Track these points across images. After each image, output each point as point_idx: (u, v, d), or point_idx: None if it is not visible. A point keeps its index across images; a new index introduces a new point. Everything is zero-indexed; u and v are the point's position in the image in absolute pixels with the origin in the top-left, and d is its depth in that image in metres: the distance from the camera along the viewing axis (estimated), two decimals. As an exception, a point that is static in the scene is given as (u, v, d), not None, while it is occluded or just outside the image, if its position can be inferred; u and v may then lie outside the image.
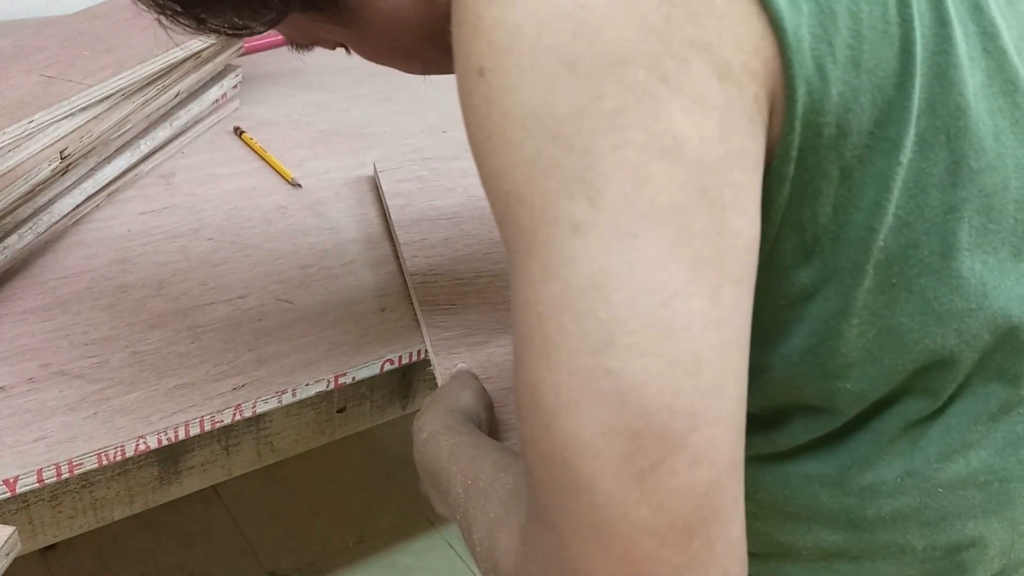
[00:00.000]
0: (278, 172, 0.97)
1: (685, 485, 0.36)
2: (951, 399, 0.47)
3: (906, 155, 0.41)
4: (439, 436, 0.56)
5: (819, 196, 0.41)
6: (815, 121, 0.39)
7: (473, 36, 0.37)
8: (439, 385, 0.68)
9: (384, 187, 0.92)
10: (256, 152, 1.01)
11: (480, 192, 0.41)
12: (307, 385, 0.70)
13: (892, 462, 0.47)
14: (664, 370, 0.35)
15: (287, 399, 0.69)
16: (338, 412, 0.77)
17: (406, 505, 1.56)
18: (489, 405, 0.63)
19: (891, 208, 0.42)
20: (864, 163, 0.41)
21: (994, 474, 0.47)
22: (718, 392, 0.36)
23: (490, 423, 0.62)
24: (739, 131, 0.37)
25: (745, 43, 0.37)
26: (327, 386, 0.71)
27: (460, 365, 0.68)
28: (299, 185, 0.95)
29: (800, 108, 0.39)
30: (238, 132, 1.05)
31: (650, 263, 0.35)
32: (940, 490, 0.47)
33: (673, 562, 0.36)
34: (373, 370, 0.73)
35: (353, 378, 0.72)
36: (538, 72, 0.36)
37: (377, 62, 0.58)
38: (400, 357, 0.74)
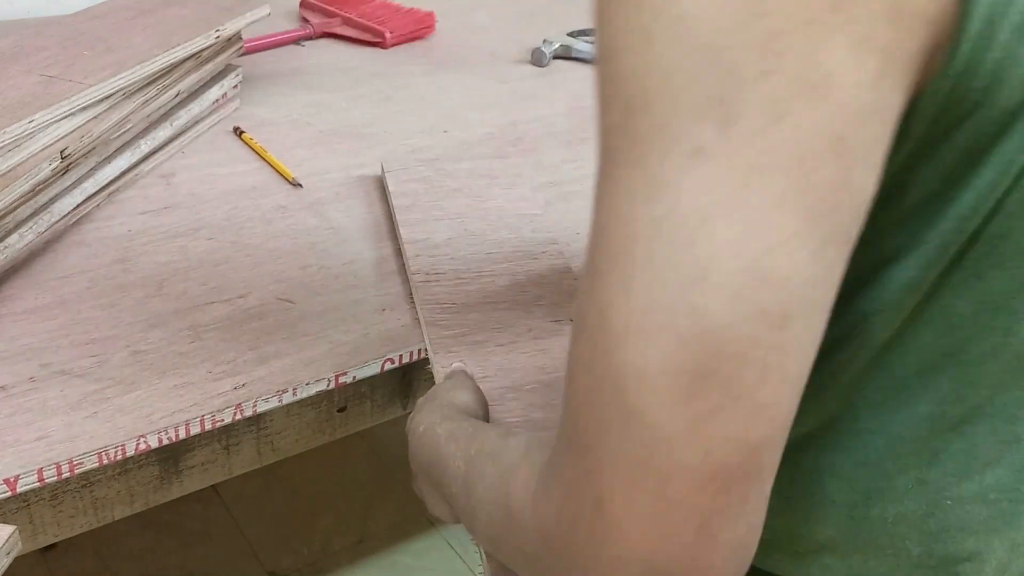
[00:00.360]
0: (278, 172, 0.98)
1: (739, 437, 0.34)
2: (979, 412, 0.45)
3: None
4: (435, 426, 0.56)
5: (937, 163, 0.39)
6: (964, 84, 0.36)
7: None
8: (437, 382, 0.68)
9: (390, 187, 0.92)
10: (256, 152, 1.01)
11: (486, 193, 0.40)
12: (307, 384, 0.70)
13: (908, 470, 0.46)
14: (750, 318, 0.34)
15: (287, 398, 0.69)
16: (339, 412, 0.77)
17: (406, 505, 1.56)
18: (485, 404, 0.63)
19: (1000, 195, 0.39)
20: (995, 141, 0.38)
21: (1005, 493, 0.46)
22: (796, 351, 0.35)
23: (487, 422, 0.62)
24: (892, 80, 0.34)
25: None
26: (327, 385, 0.71)
27: (456, 364, 0.68)
28: (300, 185, 0.95)
29: (958, 66, 0.35)
30: (238, 132, 1.05)
31: (764, 206, 0.33)
32: (948, 502, 0.46)
33: (704, 509, 0.35)
34: (373, 369, 0.73)
35: (354, 377, 0.72)
36: None
37: None
38: (400, 356, 0.74)
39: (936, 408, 0.45)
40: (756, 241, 0.34)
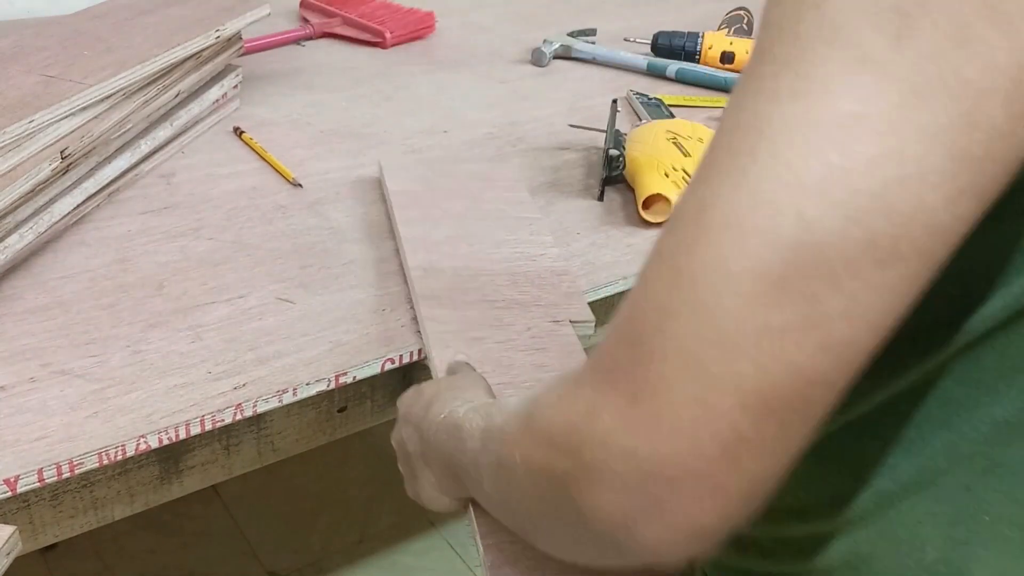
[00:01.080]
0: (278, 172, 0.98)
1: (800, 364, 0.32)
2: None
3: None
4: (456, 410, 0.55)
5: None
6: None
7: None
8: (435, 376, 0.68)
9: (388, 185, 0.92)
10: (256, 152, 1.01)
11: (484, 195, 0.39)
12: (307, 384, 0.70)
13: (957, 473, 0.44)
14: (858, 244, 0.31)
15: (288, 398, 0.69)
16: (339, 412, 0.77)
17: (406, 505, 1.56)
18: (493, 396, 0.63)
19: None
20: None
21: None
22: (890, 296, 0.32)
23: None
24: None
25: None
26: (327, 385, 0.71)
27: (459, 356, 0.68)
28: (300, 185, 0.95)
29: None
30: (238, 132, 1.05)
31: (915, 133, 0.31)
32: (986, 517, 0.44)
33: (739, 429, 0.33)
34: (374, 369, 0.73)
35: (354, 377, 0.72)
36: None
37: None
38: (401, 356, 0.74)
39: (1009, 414, 0.43)
40: (894, 166, 0.31)
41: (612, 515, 0.35)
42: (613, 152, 0.97)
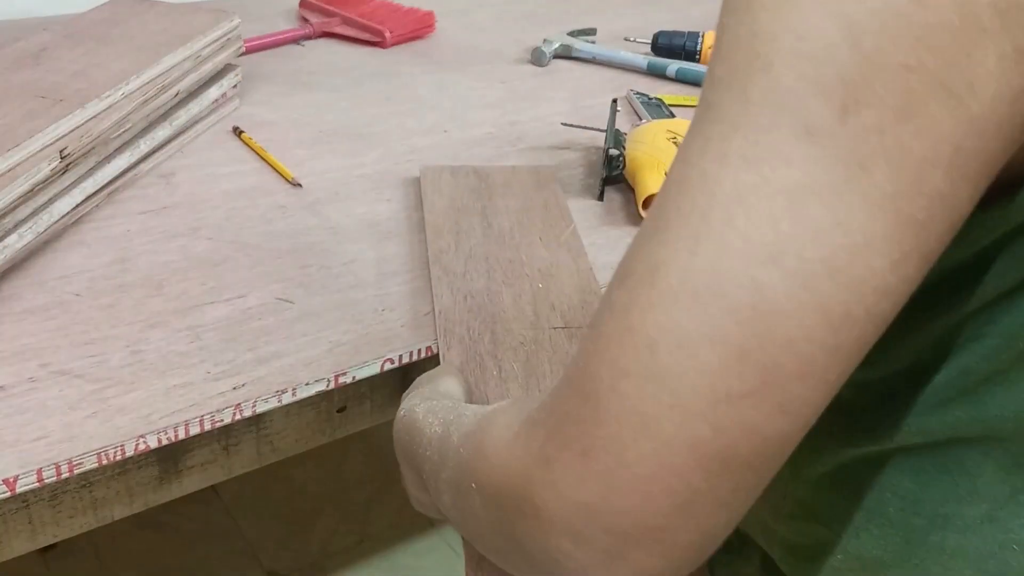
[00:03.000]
0: (278, 172, 0.97)
1: (758, 426, 0.33)
2: None
3: None
4: (415, 408, 0.56)
5: None
6: None
7: None
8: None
9: (425, 189, 0.92)
10: (256, 152, 1.01)
11: (526, 208, 0.39)
12: (307, 385, 0.70)
13: (980, 503, 0.44)
14: (811, 312, 0.32)
15: (287, 399, 0.69)
16: (338, 412, 0.77)
17: (406, 505, 1.56)
18: (468, 391, 0.63)
19: None
20: None
21: None
22: (845, 356, 0.33)
23: None
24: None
25: None
26: (327, 385, 0.71)
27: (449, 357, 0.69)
28: (299, 185, 0.95)
29: None
30: (237, 132, 1.05)
31: (861, 203, 0.32)
32: (1015, 547, 0.44)
33: (695, 486, 0.34)
34: (373, 369, 0.73)
35: (353, 377, 0.72)
36: None
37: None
38: (400, 356, 0.74)
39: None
40: (843, 236, 0.32)
41: (564, 560, 0.36)
42: (613, 152, 0.97)
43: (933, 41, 0.31)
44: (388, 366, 0.73)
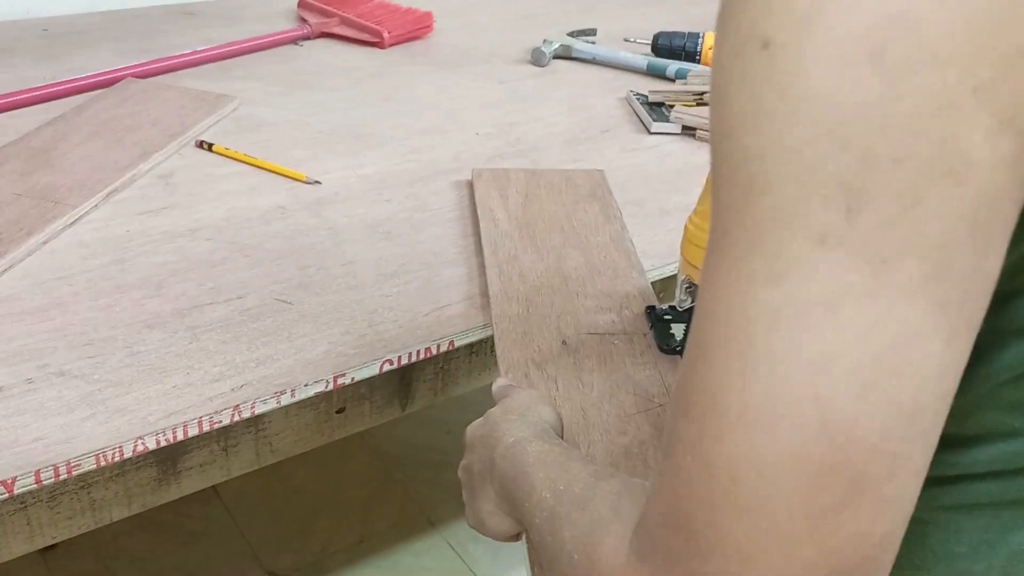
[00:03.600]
0: (279, 173, 0.97)
1: (863, 534, 0.33)
2: None
3: None
4: (526, 443, 0.54)
5: None
6: None
7: (765, 2, 0.33)
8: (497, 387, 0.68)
9: (478, 196, 0.92)
10: (240, 160, 1.01)
11: (573, 212, 0.38)
12: (306, 386, 0.70)
13: (1022, 531, 0.44)
14: (881, 411, 0.32)
15: (286, 400, 0.69)
16: (337, 412, 0.77)
17: (406, 505, 1.56)
18: (562, 424, 0.62)
19: None
20: None
21: None
22: (925, 442, 0.34)
23: None
24: None
25: None
26: (326, 387, 0.70)
27: (500, 380, 0.67)
28: (318, 182, 0.95)
29: None
30: (206, 146, 1.01)
31: (895, 295, 0.32)
32: None
33: None
34: (372, 371, 0.72)
35: (352, 378, 0.72)
36: (835, 54, 0.31)
37: None
38: (399, 357, 0.74)
39: None
40: (886, 331, 0.32)
41: None
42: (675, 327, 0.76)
43: (916, 129, 0.31)
44: (387, 367, 0.73)
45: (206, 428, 0.66)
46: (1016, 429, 0.43)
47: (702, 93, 1.17)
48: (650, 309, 0.76)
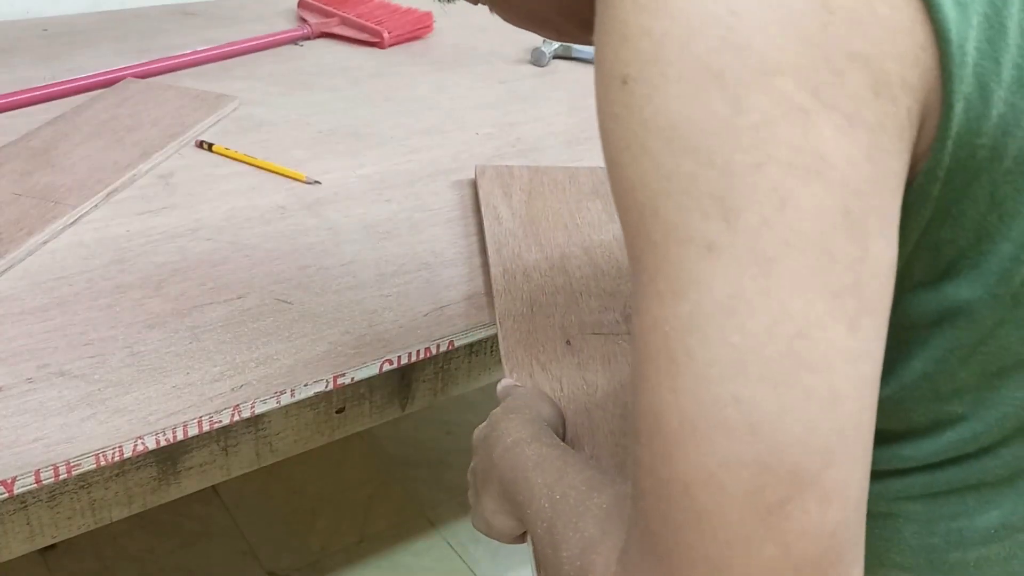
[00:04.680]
0: (280, 173, 0.97)
1: (814, 525, 0.34)
2: None
3: None
4: (524, 444, 0.55)
5: (963, 220, 0.39)
6: (969, 141, 0.37)
7: (619, 43, 0.36)
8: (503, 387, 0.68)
9: (481, 191, 0.91)
10: (240, 160, 1.01)
11: (578, 210, 0.40)
12: (306, 386, 0.70)
13: (990, 510, 0.45)
14: (799, 403, 0.34)
15: (286, 399, 0.69)
16: (337, 412, 0.77)
17: (406, 505, 1.56)
18: (563, 421, 0.63)
19: None
20: (1019, 191, 0.38)
21: None
22: (854, 428, 0.35)
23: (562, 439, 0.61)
24: (887, 151, 0.35)
25: (906, 53, 0.35)
26: (326, 386, 0.70)
27: (506, 381, 0.67)
28: (319, 182, 0.95)
29: (955, 126, 0.36)
30: (206, 146, 1.02)
31: (787, 290, 0.34)
32: None
33: None
34: (372, 370, 0.72)
35: (352, 378, 0.72)
36: (683, 82, 0.34)
37: (514, 24, 0.57)
38: (399, 357, 0.74)
39: (1022, 451, 0.44)
40: (787, 325, 0.34)
41: None
42: None
43: (767, 136, 0.34)
44: (387, 367, 0.73)
45: (206, 428, 0.66)
46: (961, 415, 0.44)
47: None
48: None
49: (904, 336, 0.42)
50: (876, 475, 0.46)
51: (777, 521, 0.34)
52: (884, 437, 0.44)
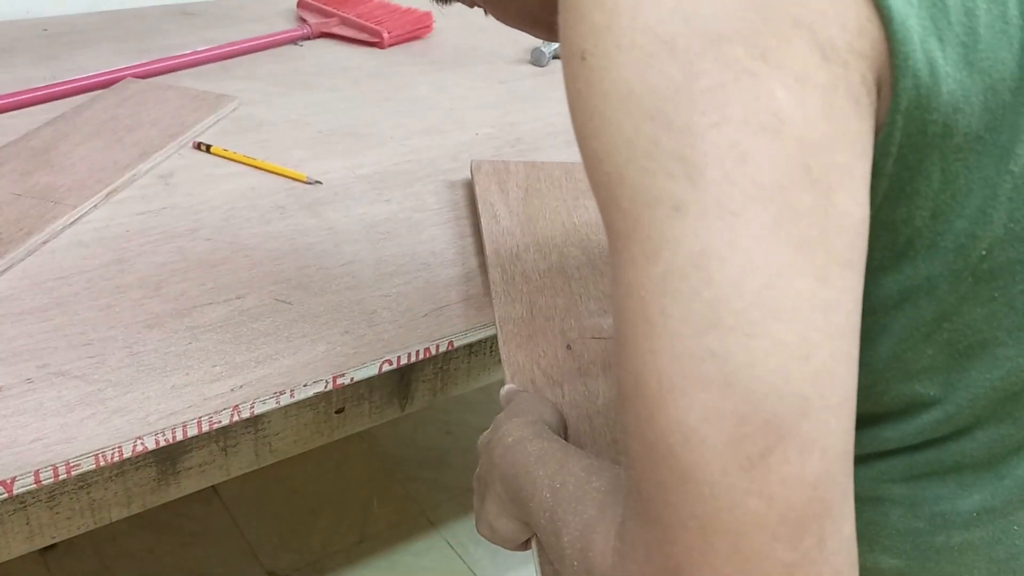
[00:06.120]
0: (279, 173, 0.97)
1: (796, 475, 0.34)
2: None
3: (1019, 164, 0.39)
4: (526, 442, 0.55)
5: (916, 197, 0.40)
6: (920, 117, 0.37)
7: (576, 19, 0.38)
8: (506, 390, 0.68)
9: (477, 187, 0.91)
10: (238, 161, 1.01)
11: (575, 205, 0.40)
12: (305, 386, 0.70)
13: (971, 494, 0.45)
14: (771, 352, 0.34)
15: (285, 400, 0.69)
16: (336, 413, 0.77)
17: (406, 505, 1.56)
18: (565, 424, 0.63)
19: (999, 218, 0.40)
20: (970, 168, 0.39)
21: None
22: (829, 377, 0.35)
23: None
24: (845, 111, 0.36)
25: (850, 23, 0.36)
26: (325, 387, 0.71)
27: (509, 385, 0.67)
28: (320, 182, 0.95)
29: (904, 102, 0.37)
30: (204, 148, 1.01)
31: (753, 242, 0.35)
32: (1016, 527, 0.45)
33: (784, 559, 0.35)
34: (372, 371, 0.72)
35: (351, 379, 0.72)
36: (636, 51, 0.36)
37: (508, 24, 0.59)
38: (399, 358, 0.74)
39: (996, 433, 0.45)
40: (754, 277, 0.34)
41: None
42: None
43: (722, 97, 0.35)
44: (386, 367, 0.73)
45: (205, 428, 0.66)
46: (934, 397, 0.45)
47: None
48: None
49: (868, 322, 0.42)
50: (860, 458, 0.46)
51: (759, 473, 0.34)
52: (864, 420, 0.45)
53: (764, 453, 0.34)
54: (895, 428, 0.46)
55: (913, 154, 0.38)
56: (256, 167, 0.98)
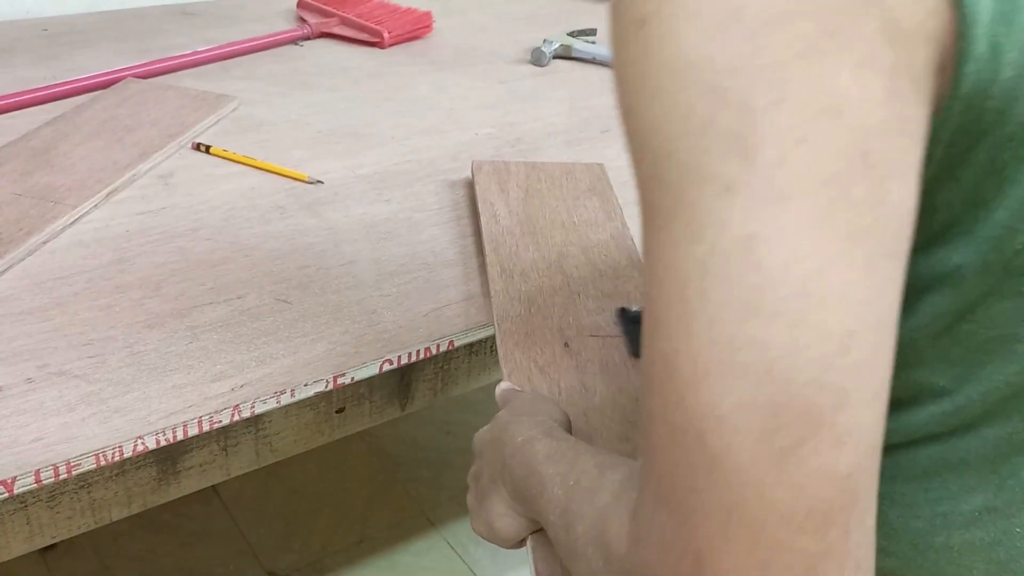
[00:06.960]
0: (279, 173, 0.97)
1: (828, 467, 0.34)
2: None
3: None
4: (535, 441, 0.55)
5: (961, 183, 0.39)
6: (978, 104, 0.36)
7: None
8: (503, 389, 0.68)
9: (478, 188, 0.91)
10: (238, 161, 1.01)
11: (575, 206, 0.40)
12: (306, 386, 0.70)
13: (974, 495, 0.45)
14: (814, 342, 0.33)
15: (285, 399, 0.69)
16: (337, 412, 0.77)
17: (406, 505, 1.56)
18: (570, 424, 0.62)
19: None
20: (1019, 158, 0.38)
21: None
22: (869, 369, 0.34)
23: None
24: (905, 97, 0.35)
25: (922, 3, 0.34)
26: (326, 386, 0.71)
27: (504, 384, 0.67)
28: (321, 182, 0.95)
29: (965, 87, 0.36)
30: (203, 148, 1.01)
31: (803, 229, 0.34)
32: (1018, 529, 0.45)
33: (808, 551, 0.34)
34: (372, 370, 0.72)
35: (352, 378, 0.72)
36: (700, 20, 0.34)
37: None
38: (399, 357, 0.74)
39: (1004, 431, 0.44)
40: (803, 264, 0.33)
41: None
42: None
43: (785, 74, 0.34)
44: (387, 367, 0.73)
45: (206, 428, 0.66)
46: (944, 388, 0.44)
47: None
48: (621, 311, 0.75)
49: (904, 295, 0.42)
50: None
51: (789, 464, 0.34)
52: None
53: (797, 444, 0.34)
54: (900, 419, 0.45)
55: (964, 140, 0.38)
56: (256, 167, 0.98)
